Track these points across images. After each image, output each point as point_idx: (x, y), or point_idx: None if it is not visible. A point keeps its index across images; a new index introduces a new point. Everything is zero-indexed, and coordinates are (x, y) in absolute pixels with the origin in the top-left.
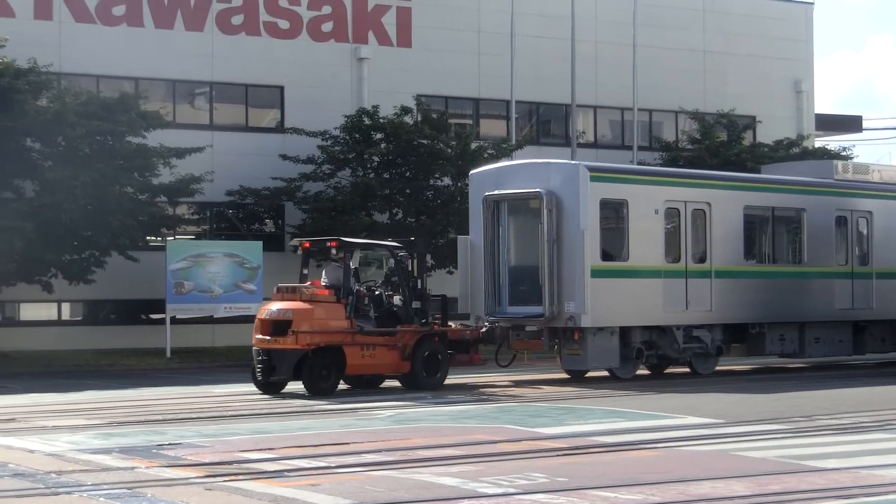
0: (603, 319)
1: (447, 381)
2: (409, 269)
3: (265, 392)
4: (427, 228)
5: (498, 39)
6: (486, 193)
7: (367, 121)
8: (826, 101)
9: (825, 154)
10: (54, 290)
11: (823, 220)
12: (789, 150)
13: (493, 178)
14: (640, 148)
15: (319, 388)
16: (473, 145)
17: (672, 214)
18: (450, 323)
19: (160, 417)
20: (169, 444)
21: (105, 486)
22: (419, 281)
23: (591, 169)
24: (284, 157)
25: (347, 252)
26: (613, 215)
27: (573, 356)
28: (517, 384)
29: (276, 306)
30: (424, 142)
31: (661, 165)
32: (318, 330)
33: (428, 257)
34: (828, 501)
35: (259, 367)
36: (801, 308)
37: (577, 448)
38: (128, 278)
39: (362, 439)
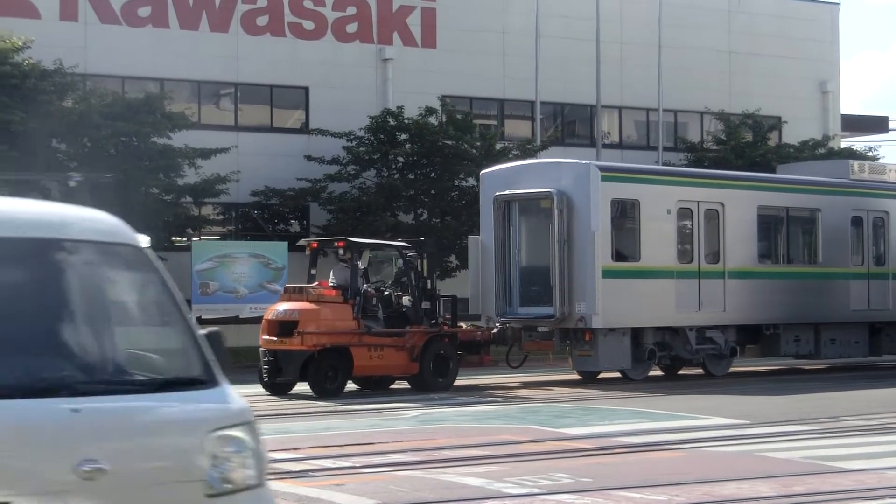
0: (614, 320)
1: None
2: (419, 269)
3: (272, 393)
4: (452, 229)
5: (523, 40)
6: (497, 193)
7: (391, 121)
8: (852, 102)
9: (850, 155)
10: None
11: (839, 221)
12: (815, 151)
13: (503, 178)
14: (666, 149)
15: (325, 390)
16: (498, 146)
17: (685, 214)
18: (461, 324)
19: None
20: None
21: None
22: (429, 281)
23: (602, 169)
24: (309, 157)
25: (355, 252)
26: (625, 215)
27: (584, 357)
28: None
29: (282, 307)
30: (449, 142)
31: (686, 166)
32: (325, 331)
33: (453, 257)
34: (853, 503)
35: (265, 369)
36: (817, 309)
37: (602, 448)
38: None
39: (387, 439)
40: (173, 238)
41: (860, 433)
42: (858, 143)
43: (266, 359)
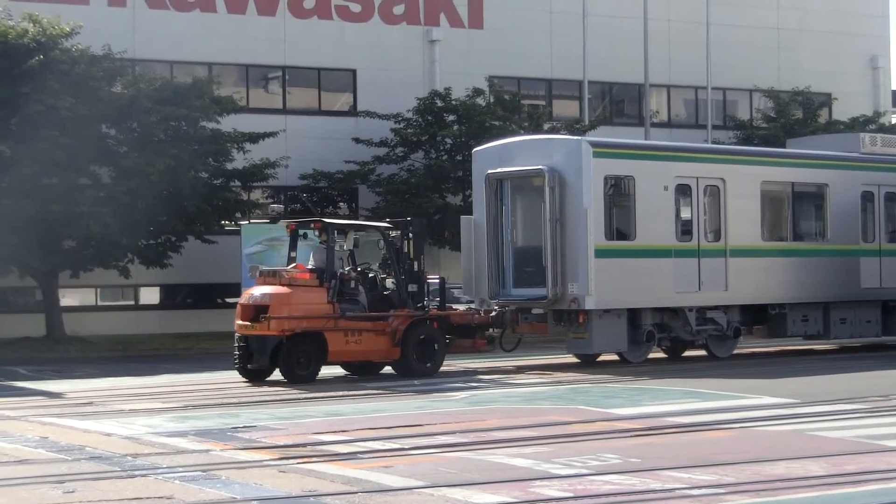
0: (609, 301)
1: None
2: (406, 250)
3: (249, 380)
4: None
5: (570, 19)
6: (489, 171)
7: (439, 103)
8: None
9: None
10: (131, 274)
11: (848, 196)
12: (865, 128)
13: (496, 155)
14: (715, 127)
15: (297, 376)
16: (546, 126)
17: (683, 191)
18: (456, 307)
19: (235, 400)
20: (243, 427)
21: (180, 469)
22: (416, 263)
23: (594, 144)
24: (357, 140)
25: (330, 234)
26: (620, 193)
27: (578, 340)
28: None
29: (256, 291)
30: (497, 123)
31: (734, 144)
32: (296, 315)
33: None
34: None
35: (236, 354)
36: (825, 288)
37: (651, 429)
38: (203, 262)
39: (436, 421)
40: (223, 222)
41: None
42: None
43: (238, 344)
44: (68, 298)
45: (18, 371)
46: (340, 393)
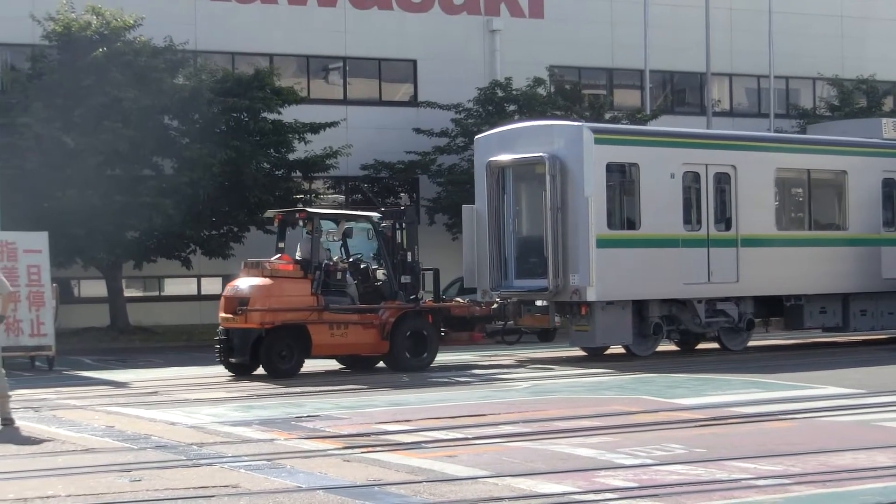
0: (612, 293)
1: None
2: (399, 240)
3: (233, 373)
4: None
5: (631, 8)
6: (490, 159)
7: (499, 93)
8: None
9: None
10: (193, 265)
11: (869, 183)
12: None
13: (498, 142)
14: (777, 115)
15: (278, 370)
16: (607, 115)
17: (691, 178)
18: (457, 299)
19: (298, 390)
20: (307, 416)
21: (245, 458)
22: (409, 254)
23: (595, 130)
24: (418, 130)
25: (315, 223)
26: (623, 180)
27: (581, 332)
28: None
29: (239, 283)
30: (558, 113)
31: (797, 133)
32: (277, 307)
33: None
34: None
35: (217, 348)
36: (844, 278)
37: (715, 419)
38: (265, 253)
39: (499, 411)
40: None
41: None
42: None
43: (220, 338)
44: (132, 289)
45: (83, 361)
46: (384, 385)
